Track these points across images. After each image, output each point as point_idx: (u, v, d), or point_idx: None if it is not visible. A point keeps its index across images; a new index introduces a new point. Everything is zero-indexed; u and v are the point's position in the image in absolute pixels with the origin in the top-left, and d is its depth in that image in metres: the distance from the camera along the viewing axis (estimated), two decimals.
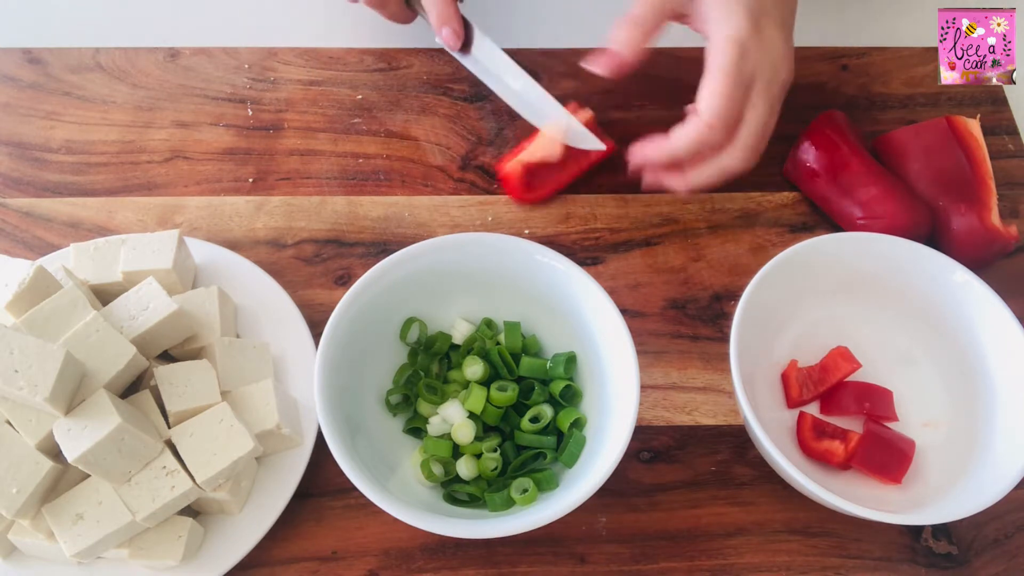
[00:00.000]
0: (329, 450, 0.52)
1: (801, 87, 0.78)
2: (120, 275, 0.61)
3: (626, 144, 0.66)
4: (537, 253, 0.59)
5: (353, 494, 0.59)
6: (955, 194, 0.67)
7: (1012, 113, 0.78)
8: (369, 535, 0.59)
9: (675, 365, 0.66)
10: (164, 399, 0.56)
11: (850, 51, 0.81)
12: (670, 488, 0.61)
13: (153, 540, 0.54)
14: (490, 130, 0.76)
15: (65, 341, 0.54)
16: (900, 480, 0.57)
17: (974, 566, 0.59)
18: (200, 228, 0.70)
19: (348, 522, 0.60)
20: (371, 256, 0.70)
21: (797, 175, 0.72)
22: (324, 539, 0.59)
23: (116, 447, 0.51)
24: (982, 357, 0.60)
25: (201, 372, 0.57)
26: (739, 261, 0.70)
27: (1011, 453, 0.55)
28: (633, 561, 0.59)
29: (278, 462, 0.59)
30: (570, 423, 0.58)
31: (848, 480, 0.59)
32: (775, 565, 0.59)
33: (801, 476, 0.53)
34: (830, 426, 0.60)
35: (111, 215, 0.71)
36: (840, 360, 0.62)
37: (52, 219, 0.71)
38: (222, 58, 0.80)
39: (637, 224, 0.71)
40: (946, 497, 0.56)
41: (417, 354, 0.63)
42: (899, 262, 0.62)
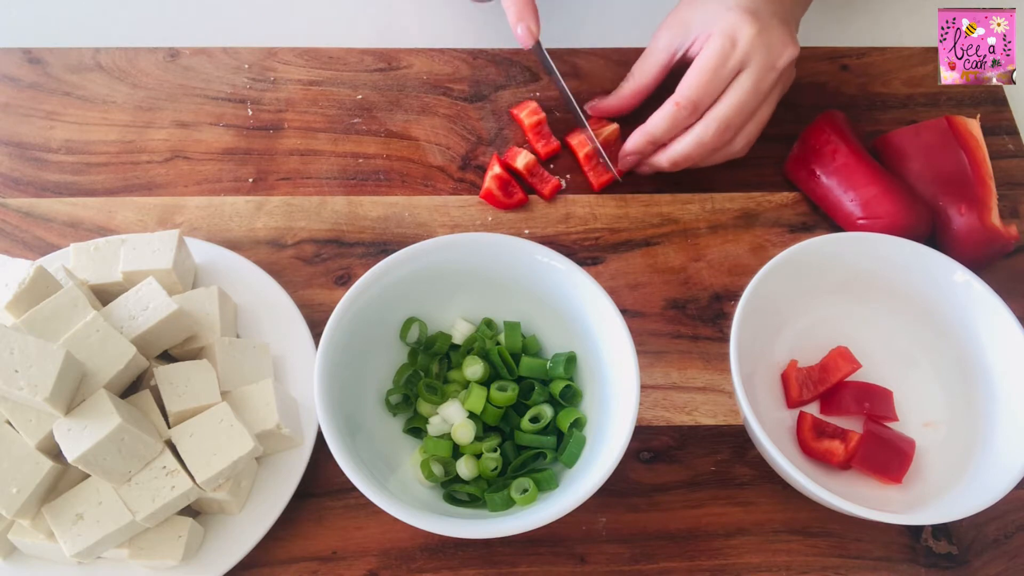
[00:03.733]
0: (329, 450, 0.52)
1: (801, 87, 0.78)
2: (120, 275, 0.61)
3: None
4: (537, 253, 0.59)
5: (353, 494, 0.59)
6: (955, 194, 0.67)
7: (1012, 113, 0.78)
8: (369, 535, 0.59)
9: (675, 365, 0.66)
10: (164, 399, 0.56)
11: (850, 51, 0.81)
12: (670, 488, 0.61)
13: (153, 540, 0.54)
14: (490, 130, 0.76)
15: (65, 341, 0.54)
16: (900, 480, 0.57)
17: (974, 566, 0.59)
18: (200, 228, 0.70)
19: (348, 522, 0.60)
20: (371, 256, 0.70)
21: (797, 175, 0.72)
22: (324, 539, 0.59)
23: (116, 447, 0.51)
24: (982, 357, 0.60)
25: (201, 372, 0.57)
26: (739, 261, 0.70)
27: (1011, 453, 0.55)
28: (633, 561, 0.59)
29: (278, 462, 0.59)
30: (570, 423, 0.58)
31: (848, 480, 0.59)
32: (775, 565, 0.59)
33: (801, 476, 0.53)
34: (830, 426, 0.60)
35: (111, 215, 0.71)
36: (840, 360, 0.62)
37: (52, 219, 0.71)
38: (222, 58, 0.80)
39: (637, 224, 0.71)
40: (946, 497, 0.56)
41: (417, 354, 0.63)
42: (899, 262, 0.62)
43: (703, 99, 0.64)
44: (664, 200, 0.73)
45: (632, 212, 0.72)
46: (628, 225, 0.71)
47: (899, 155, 0.70)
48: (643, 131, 0.67)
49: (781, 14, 0.66)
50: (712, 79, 0.63)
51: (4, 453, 0.52)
